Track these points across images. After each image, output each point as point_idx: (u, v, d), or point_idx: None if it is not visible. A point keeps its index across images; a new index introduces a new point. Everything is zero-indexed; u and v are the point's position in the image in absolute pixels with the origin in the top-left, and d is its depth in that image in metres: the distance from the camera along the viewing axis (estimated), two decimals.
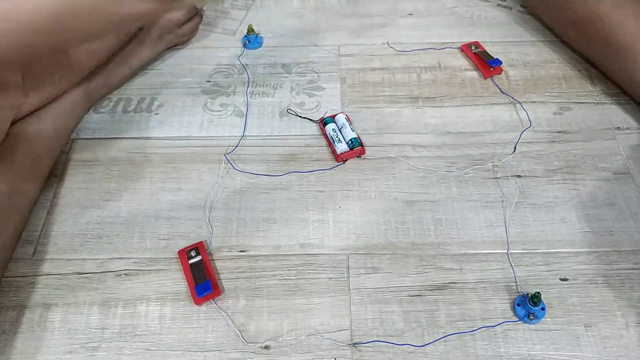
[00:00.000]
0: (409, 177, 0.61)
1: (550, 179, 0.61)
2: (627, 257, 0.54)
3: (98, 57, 0.64)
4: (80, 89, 0.64)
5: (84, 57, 0.62)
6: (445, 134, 0.66)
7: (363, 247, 0.56)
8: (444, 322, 0.51)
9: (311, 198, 0.60)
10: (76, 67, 0.62)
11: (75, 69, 0.62)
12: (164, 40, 0.73)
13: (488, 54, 0.73)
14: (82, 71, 0.63)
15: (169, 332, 0.50)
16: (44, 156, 0.59)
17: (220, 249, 0.56)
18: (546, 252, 0.55)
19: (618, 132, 0.65)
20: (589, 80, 0.71)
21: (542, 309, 0.50)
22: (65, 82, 0.62)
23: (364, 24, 0.80)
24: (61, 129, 0.62)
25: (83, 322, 0.51)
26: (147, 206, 0.59)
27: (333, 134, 0.64)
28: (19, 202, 0.55)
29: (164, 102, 0.70)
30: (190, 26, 0.75)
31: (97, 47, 0.63)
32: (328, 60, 0.75)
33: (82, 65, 0.63)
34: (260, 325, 0.50)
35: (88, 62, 0.63)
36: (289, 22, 0.81)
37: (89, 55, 0.63)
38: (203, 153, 0.64)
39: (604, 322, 0.50)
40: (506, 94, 0.70)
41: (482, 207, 0.59)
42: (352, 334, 0.50)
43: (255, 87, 0.72)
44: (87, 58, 0.63)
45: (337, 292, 0.53)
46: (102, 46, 0.64)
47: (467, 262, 0.55)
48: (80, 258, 0.55)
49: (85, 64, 0.63)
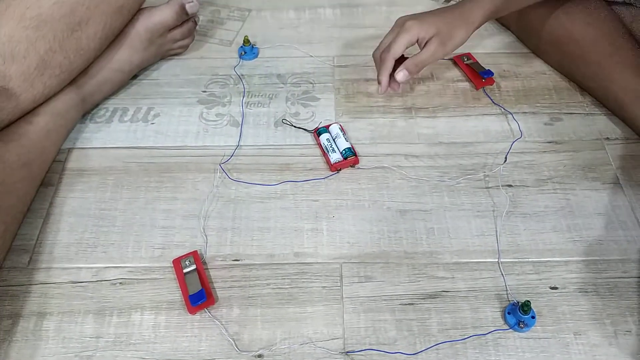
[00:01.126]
0: (402, 186, 0.62)
1: (540, 188, 0.62)
2: (616, 266, 0.55)
3: (86, 57, 0.65)
4: (73, 92, 0.65)
5: (72, 56, 0.62)
6: (437, 144, 0.66)
7: (356, 256, 0.56)
8: (436, 330, 0.51)
9: (305, 207, 0.60)
10: (65, 67, 0.62)
11: (64, 68, 0.62)
12: (154, 44, 0.73)
13: (480, 65, 0.74)
14: (72, 71, 0.64)
15: (163, 341, 0.50)
16: (36, 159, 0.59)
17: (215, 258, 0.56)
18: (536, 261, 0.56)
19: (607, 142, 0.66)
20: (579, 91, 0.72)
21: (532, 317, 0.51)
22: (56, 81, 0.62)
23: (359, 35, 0.81)
24: (54, 131, 0.63)
25: (78, 331, 0.51)
26: (142, 215, 0.60)
27: (327, 143, 0.65)
28: (10, 202, 0.55)
29: (160, 112, 0.71)
30: (181, 31, 0.75)
31: (85, 45, 0.63)
32: (323, 71, 0.76)
33: (72, 65, 0.63)
34: (253, 334, 0.51)
35: (77, 61, 0.63)
36: (285, 33, 0.82)
37: (77, 54, 0.63)
38: (198, 162, 0.65)
39: (593, 331, 0.51)
40: (498, 105, 0.71)
41: (473, 216, 0.59)
42: (345, 342, 0.50)
43: (251, 97, 0.72)
44: (75, 57, 0.63)
45: (330, 301, 0.53)
46: (90, 45, 0.64)
47: (458, 270, 0.55)
48: (75, 267, 0.56)
49: (74, 63, 0.63)
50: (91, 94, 0.68)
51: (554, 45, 0.73)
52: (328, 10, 0.86)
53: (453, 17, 0.64)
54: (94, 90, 0.68)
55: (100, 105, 0.71)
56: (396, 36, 0.64)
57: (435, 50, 0.63)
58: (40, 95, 0.61)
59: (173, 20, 0.72)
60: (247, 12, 0.86)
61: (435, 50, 0.63)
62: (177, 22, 0.73)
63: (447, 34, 0.63)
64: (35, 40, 0.58)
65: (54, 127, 0.63)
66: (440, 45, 0.63)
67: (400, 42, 0.63)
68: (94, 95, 0.69)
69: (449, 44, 0.63)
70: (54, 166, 0.64)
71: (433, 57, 0.64)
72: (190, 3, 0.72)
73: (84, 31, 0.62)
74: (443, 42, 0.63)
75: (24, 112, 0.60)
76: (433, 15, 0.65)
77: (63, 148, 0.66)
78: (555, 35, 0.72)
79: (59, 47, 0.60)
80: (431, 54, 0.63)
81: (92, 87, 0.68)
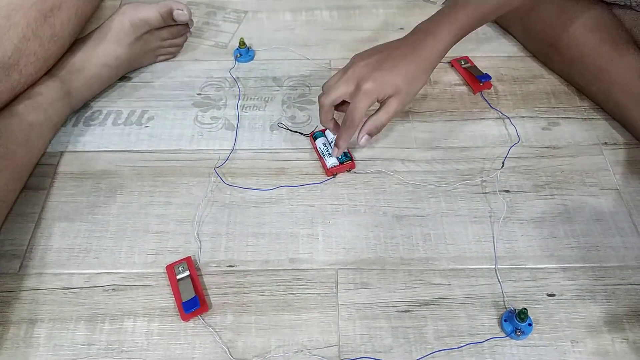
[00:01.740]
0: (399, 191, 0.62)
1: (538, 194, 0.61)
2: (614, 273, 0.55)
3: (61, 43, 0.64)
4: (56, 86, 0.64)
5: (46, 43, 0.62)
6: (434, 148, 0.66)
7: (352, 262, 0.56)
8: (432, 337, 0.51)
9: (301, 212, 0.60)
10: (40, 54, 0.62)
11: (39, 55, 0.62)
12: (141, 40, 0.71)
13: (478, 69, 0.74)
14: (47, 58, 0.63)
15: (155, 349, 0.50)
16: (17, 149, 0.59)
17: (209, 264, 0.56)
18: (534, 268, 0.55)
19: (605, 147, 0.66)
20: (577, 96, 0.72)
21: (529, 324, 0.50)
22: (32, 69, 0.61)
23: (356, 38, 0.81)
24: (37, 124, 0.62)
25: (69, 338, 0.50)
26: (135, 220, 0.59)
27: (323, 148, 0.64)
28: None
29: (154, 115, 0.70)
30: (170, 31, 0.74)
31: (59, 31, 0.63)
32: (319, 74, 0.75)
33: (47, 52, 0.62)
34: (248, 341, 0.50)
35: (51, 48, 0.63)
36: (281, 36, 0.81)
37: (52, 41, 0.62)
38: (193, 166, 0.64)
39: (590, 338, 0.50)
40: (495, 109, 0.70)
41: (470, 222, 0.59)
42: (340, 350, 0.50)
43: (247, 101, 0.72)
44: (50, 43, 0.62)
45: (326, 308, 0.52)
46: (64, 31, 0.64)
47: (455, 277, 0.55)
48: (67, 272, 0.55)
49: (49, 50, 0.63)
50: (77, 88, 0.67)
51: (554, 48, 0.72)
52: (325, 13, 0.85)
53: (411, 65, 0.59)
54: (81, 85, 0.67)
55: (94, 108, 0.70)
56: (355, 97, 0.58)
57: (396, 109, 0.59)
58: (17, 83, 0.60)
59: (158, 21, 0.71)
60: (243, 14, 0.86)
61: (396, 110, 0.59)
62: (162, 24, 0.72)
63: (406, 91, 0.59)
64: (8, 29, 0.58)
65: (37, 119, 0.62)
66: (400, 104, 0.59)
67: (361, 108, 0.57)
68: (80, 90, 0.68)
69: (408, 100, 0.60)
70: (46, 170, 0.63)
71: (394, 116, 0.60)
72: (180, 11, 0.71)
73: (57, 17, 0.63)
74: (402, 100, 0.59)
75: (3, 102, 0.60)
76: (390, 69, 0.58)
77: (55, 151, 0.65)
78: (557, 39, 0.71)
79: (32, 35, 0.60)
80: (392, 115, 0.59)
81: (79, 82, 0.67)
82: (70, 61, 0.66)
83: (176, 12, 0.71)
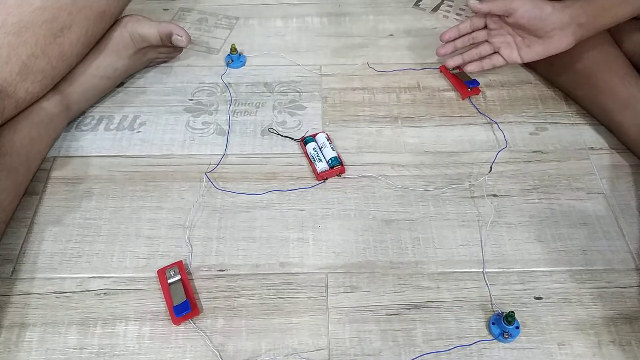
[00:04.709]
0: (388, 196, 0.62)
1: (525, 198, 0.62)
2: (600, 276, 0.56)
3: (69, 62, 0.64)
4: (57, 100, 0.64)
5: (54, 62, 0.62)
6: (423, 153, 0.67)
7: (342, 266, 0.56)
8: (421, 341, 0.51)
9: (291, 216, 0.60)
10: (48, 72, 0.62)
11: (46, 74, 0.61)
12: (139, 52, 0.72)
13: (466, 75, 0.74)
14: (55, 77, 0.63)
15: (147, 352, 0.50)
16: (19, 167, 0.59)
17: (200, 268, 0.56)
18: (521, 271, 0.56)
19: (592, 152, 0.67)
20: (564, 101, 0.73)
21: (517, 327, 0.51)
22: (39, 87, 0.61)
23: (346, 44, 0.82)
24: (38, 140, 0.62)
25: (61, 342, 0.51)
26: (127, 225, 0.59)
27: (314, 152, 0.65)
28: None
29: (146, 120, 0.70)
30: (168, 49, 0.75)
31: (68, 50, 0.63)
32: (310, 80, 0.76)
33: (54, 70, 0.62)
34: (238, 345, 0.51)
35: (59, 67, 0.63)
36: (272, 42, 0.82)
37: (60, 60, 0.62)
38: (184, 171, 0.64)
39: (577, 341, 0.51)
40: (483, 114, 0.71)
41: (458, 226, 0.60)
42: (330, 353, 0.50)
43: (238, 106, 0.72)
44: (58, 62, 0.62)
45: (316, 312, 0.53)
46: (72, 51, 0.63)
47: (443, 280, 0.55)
48: (59, 277, 0.55)
49: (57, 69, 0.63)
50: (76, 101, 0.67)
51: None
52: (315, 19, 0.86)
53: None
54: (79, 97, 0.67)
55: (86, 113, 0.71)
56: None
57: None
58: (23, 101, 0.60)
59: (156, 41, 0.71)
60: (234, 20, 0.86)
61: None
62: (160, 44, 0.72)
63: None
64: (17, 46, 0.58)
65: (38, 135, 0.62)
66: None
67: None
68: (79, 102, 0.68)
69: None
70: (38, 175, 0.63)
71: None
72: (179, 37, 0.71)
73: (67, 37, 0.62)
74: None
75: (6, 118, 0.60)
76: None
77: (48, 156, 0.65)
78: None
79: (41, 53, 0.60)
80: None
81: (78, 95, 0.67)
82: (70, 72, 0.66)
83: (175, 37, 0.71)
